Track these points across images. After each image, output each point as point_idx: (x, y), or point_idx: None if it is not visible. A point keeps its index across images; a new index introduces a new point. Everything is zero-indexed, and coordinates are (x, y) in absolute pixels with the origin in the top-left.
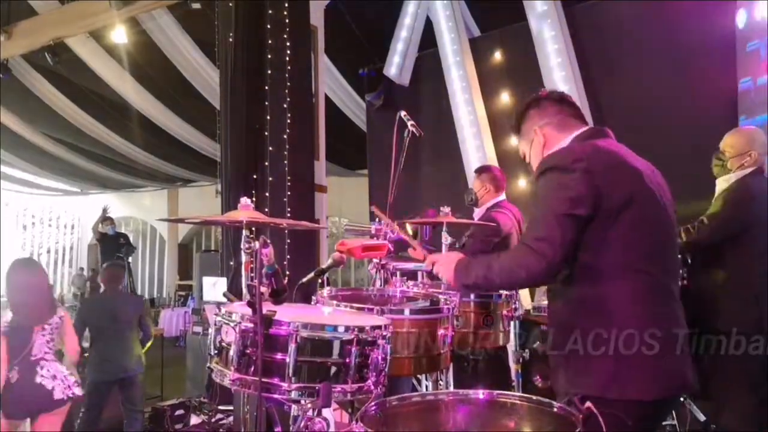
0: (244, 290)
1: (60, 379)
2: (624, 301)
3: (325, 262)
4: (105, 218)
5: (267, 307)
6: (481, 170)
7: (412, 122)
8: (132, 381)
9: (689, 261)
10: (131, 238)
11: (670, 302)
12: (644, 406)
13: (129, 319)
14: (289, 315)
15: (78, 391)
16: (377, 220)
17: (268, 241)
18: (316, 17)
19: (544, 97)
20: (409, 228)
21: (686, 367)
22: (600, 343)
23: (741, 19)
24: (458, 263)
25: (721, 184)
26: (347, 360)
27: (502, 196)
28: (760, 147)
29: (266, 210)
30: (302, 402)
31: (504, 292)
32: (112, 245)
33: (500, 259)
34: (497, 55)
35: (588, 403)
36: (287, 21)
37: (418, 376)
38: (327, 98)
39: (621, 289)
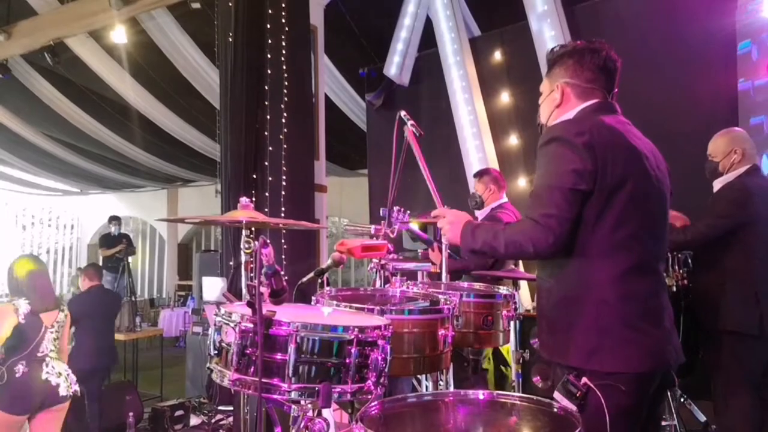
0: (244, 290)
1: (64, 376)
2: (608, 277)
3: (325, 262)
4: (112, 218)
5: (267, 307)
6: (482, 173)
7: (412, 122)
8: (107, 372)
9: (689, 261)
10: (131, 238)
11: (654, 281)
12: (627, 379)
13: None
14: (289, 315)
15: (78, 388)
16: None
17: (268, 241)
18: (316, 17)
19: (589, 53)
20: (416, 225)
21: (667, 343)
22: (582, 315)
23: (741, 17)
24: (466, 225)
25: (717, 185)
26: (347, 360)
27: (505, 198)
28: (742, 143)
29: (266, 210)
30: (302, 402)
31: (504, 292)
32: (113, 246)
33: (507, 231)
34: (497, 55)
35: (584, 379)
36: (287, 21)
37: (418, 376)
38: (327, 98)
39: (607, 265)
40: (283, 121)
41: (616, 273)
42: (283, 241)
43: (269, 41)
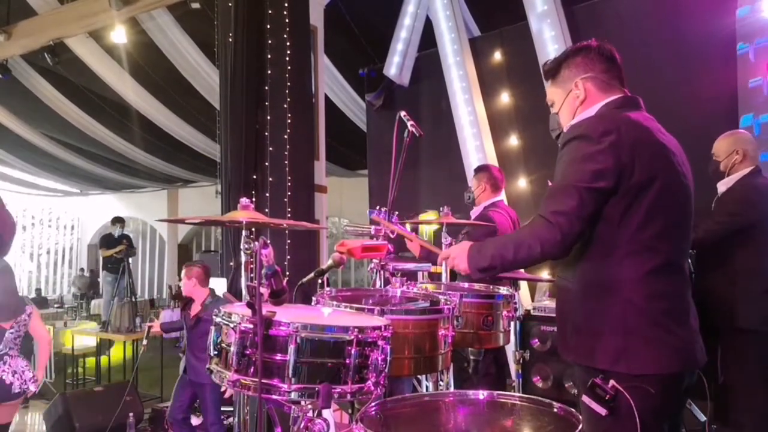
0: (244, 291)
1: (19, 374)
2: (634, 277)
3: (325, 263)
4: (116, 219)
5: (267, 307)
6: (479, 170)
7: (412, 122)
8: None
9: (690, 261)
10: (132, 240)
11: (680, 280)
12: (656, 381)
13: None
14: (289, 316)
15: (33, 388)
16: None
17: (268, 241)
18: (316, 17)
19: (594, 47)
20: (408, 227)
21: (694, 343)
22: (608, 316)
23: (743, 17)
24: (471, 248)
25: (721, 187)
26: (347, 361)
27: (500, 197)
28: (744, 144)
29: (266, 210)
30: (302, 403)
31: (504, 293)
32: (114, 246)
33: (515, 235)
34: (497, 55)
35: (612, 382)
36: (287, 21)
37: (419, 376)
38: (327, 98)
39: (633, 264)
40: (286, 121)
41: (642, 272)
42: (284, 241)
43: (269, 41)
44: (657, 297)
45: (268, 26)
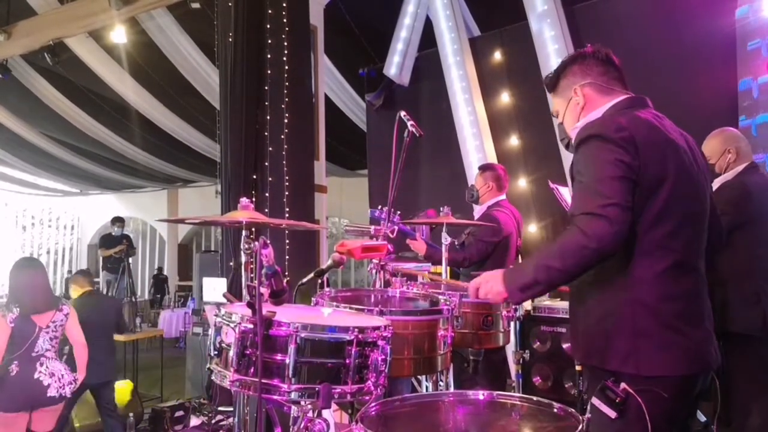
0: (244, 291)
1: (57, 377)
2: (647, 277)
3: (325, 263)
4: (116, 219)
5: (267, 308)
6: (485, 168)
7: (412, 122)
8: (109, 385)
9: None
10: (131, 239)
11: (695, 280)
12: (667, 383)
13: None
14: (289, 316)
15: (69, 392)
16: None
17: (268, 241)
18: (316, 17)
19: (589, 53)
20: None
21: (708, 344)
22: (619, 316)
23: (742, 17)
24: (505, 272)
25: (716, 185)
26: (347, 361)
27: (503, 196)
28: (733, 141)
29: (266, 210)
30: (302, 403)
31: None
32: (113, 246)
33: (553, 244)
34: (497, 55)
35: (623, 385)
36: (287, 21)
37: (418, 377)
38: (327, 98)
39: (645, 264)
40: (285, 121)
41: (655, 272)
42: (284, 241)
43: (269, 41)
44: (669, 298)
45: (268, 26)
